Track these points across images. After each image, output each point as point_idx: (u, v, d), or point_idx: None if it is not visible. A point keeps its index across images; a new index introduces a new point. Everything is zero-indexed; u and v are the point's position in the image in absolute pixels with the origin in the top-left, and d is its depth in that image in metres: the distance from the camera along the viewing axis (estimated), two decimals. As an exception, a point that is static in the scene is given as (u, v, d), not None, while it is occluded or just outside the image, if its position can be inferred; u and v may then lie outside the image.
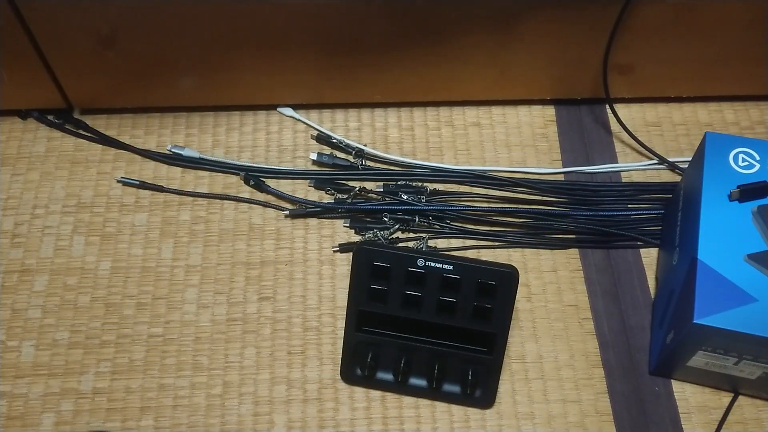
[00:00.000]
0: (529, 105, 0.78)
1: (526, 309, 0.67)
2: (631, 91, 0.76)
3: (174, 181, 0.73)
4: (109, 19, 0.65)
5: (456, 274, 0.57)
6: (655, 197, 0.72)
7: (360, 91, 0.75)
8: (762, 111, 0.78)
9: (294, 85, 0.74)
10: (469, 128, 0.77)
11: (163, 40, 0.68)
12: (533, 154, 0.75)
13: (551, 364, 0.64)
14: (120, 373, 0.63)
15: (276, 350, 0.64)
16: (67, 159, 0.74)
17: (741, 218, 0.58)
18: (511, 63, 0.72)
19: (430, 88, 0.75)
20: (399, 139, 0.76)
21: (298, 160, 0.75)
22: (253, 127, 0.76)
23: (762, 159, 0.61)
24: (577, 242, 0.70)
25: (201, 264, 0.69)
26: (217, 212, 0.71)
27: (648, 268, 0.69)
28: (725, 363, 0.58)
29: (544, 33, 0.69)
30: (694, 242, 0.58)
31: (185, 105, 0.76)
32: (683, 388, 0.63)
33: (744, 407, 0.62)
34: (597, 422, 0.62)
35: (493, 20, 0.67)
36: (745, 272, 0.56)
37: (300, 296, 0.67)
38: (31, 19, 0.64)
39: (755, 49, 0.71)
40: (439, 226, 0.70)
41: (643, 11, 0.66)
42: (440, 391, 0.61)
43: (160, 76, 0.72)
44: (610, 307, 0.67)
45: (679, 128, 0.77)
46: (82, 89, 0.73)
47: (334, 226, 0.71)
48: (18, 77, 0.70)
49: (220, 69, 0.71)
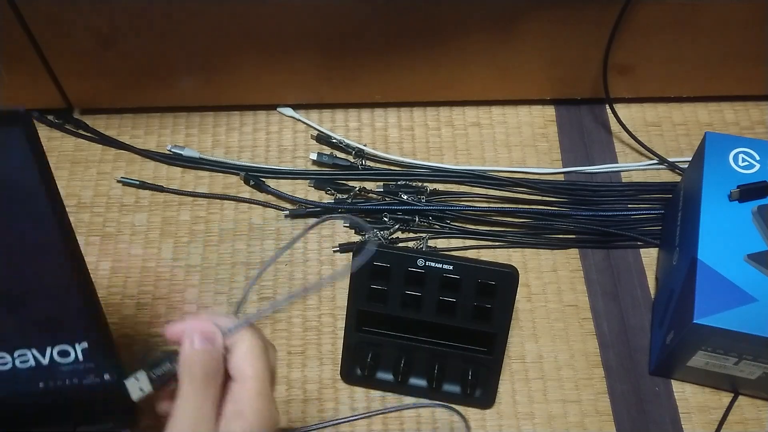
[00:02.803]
0: (529, 105, 0.78)
1: (526, 309, 0.67)
2: (631, 91, 0.77)
3: (174, 181, 0.73)
4: (109, 19, 0.65)
5: (456, 274, 0.57)
6: (655, 197, 0.72)
7: (360, 91, 0.75)
8: (762, 111, 0.78)
9: (294, 85, 0.74)
10: (469, 128, 0.77)
11: (163, 40, 0.68)
12: (533, 154, 0.75)
13: (551, 364, 0.64)
14: (120, 373, 0.63)
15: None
16: (67, 159, 0.74)
17: (741, 218, 0.58)
18: (511, 63, 0.72)
19: (430, 88, 0.75)
20: (399, 139, 0.76)
21: (298, 160, 0.75)
22: (253, 127, 0.76)
23: (762, 159, 0.61)
24: (577, 242, 0.70)
25: (201, 264, 0.69)
26: (217, 212, 0.71)
27: (648, 268, 0.69)
28: (725, 363, 0.58)
29: (544, 33, 0.69)
30: (694, 242, 0.58)
31: (185, 105, 0.76)
32: (683, 388, 0.63)
33: (744, 407, 0.62)
34: (597, 422, 0.62)
35: (493, 20, 0.67)
36: (745, 272, 0.56)
37: (300, 296, 0.67)
38: (31, 19, 0.64)
39: (755, 49, 0.71)
40: (439, 226, 0.70)
41: (643, 11, 0.66)
42: (440, 391, 0.61)
43: (160, 76, 0.72)
44: (610, 307, 0.67)
45: (679, 128, 0.77)
46: (82, 89, 0.73)
47: (334, 226, 0.71)
48: (18, 77, 0.70)
49: (220, 69, 0.71)
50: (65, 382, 0.43)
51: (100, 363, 0.44)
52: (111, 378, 0.44)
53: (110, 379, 0.44)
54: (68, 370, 0.43)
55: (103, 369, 0.44)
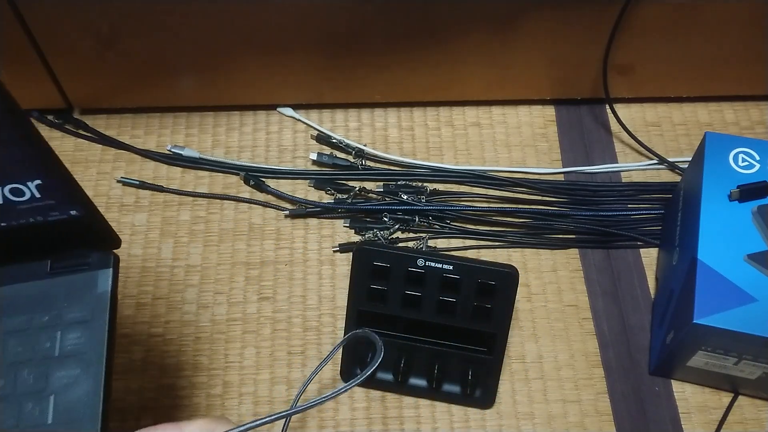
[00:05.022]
0: (529, 105, 0.78)
1: (526, 309, 0.67)
2: (631, 91, 0.77)
3: (174, 181, 0.73)
4: (109, 19, 0.65)
5: (456, 274, 0.57)
6: (655, 197, 0.72)
7: (360, 91, 0.75)
8: (762, 111, 0.78)
9: (294, 85, 0.74)
10: (469, 128, 0.77)
11: (163, 40, 0.68)
12: (533, 154, 0.75)
13: (551, 364, 0.64)
14: (120, 373, 0.63)
15: (276, 350, 0.64)
16: (67, 159, 0.74)
17: (741, 218, 0.58)
18: (511, 63, 0.72)
19: (430, 88, 0.75)
20: (399, 139, 0.76)
21: (298, 160, 0.75)
22: (253, 127, 0.76)
23: (762, 159, 0.61)
24: (577, 242, 0.70)
25: (201, 264, 0.69)
26: (217, 212, 0.71)
27: (648, 268, 0.69)
28: (725, 363, 0.58)
29: (544, 33, 0.69)
30: (694, 242, 0.58)
31: (185, 105, 0.76)
32: (683, 388, 0.63)
33: (744, 407, 0.62)
34: (597, 422, 0.62)
35: (493, 20, 0.67)
36: (745, 272, 0.56)
37: (300, 296, 0.67)
38: (31, 19, 0.64)
39: (755, 49, 0.71)
40: (439, 226, 0.70)
41: (643, 11, 0.66)
42: (440, 391, 0.61)
43: (160, 76, 0.72)
44: (610, 307, 0.67)
45: (679, 128, 0.77)
46: (82, 89, 0.73)
47: (334, 226, 0.71)
48: (18, 77, 0.70)
49: (220, 69, 0.71)
50: (28, 219, 0.43)
51: (61, 199, 0.42)
52: (78, 213, 0.43)
53: (78, 214, 0.43)
54: (27, 208, 0.42)
55: (67, 205, 0.43)
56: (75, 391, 0.40)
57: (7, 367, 0.41)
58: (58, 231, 0.44)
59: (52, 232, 0.43)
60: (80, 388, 0.40)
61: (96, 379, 0.41)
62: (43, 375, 0.41)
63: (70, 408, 0.39)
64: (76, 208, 0.43)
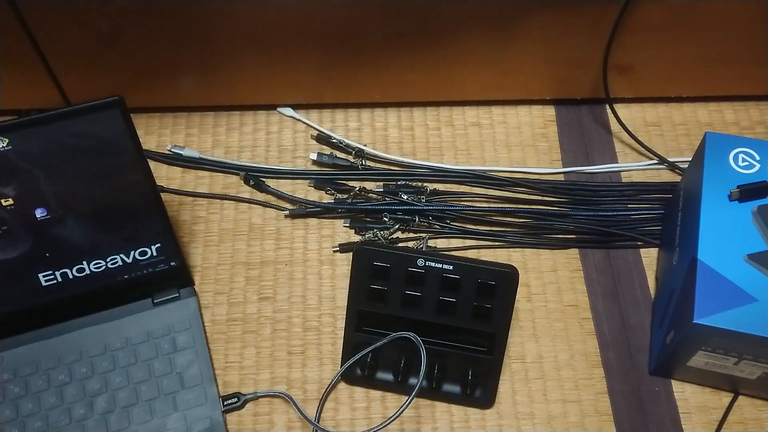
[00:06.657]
0: (529, 105, 0.78)
1: (526, 309, 0.67)
2: (631, 91, 0.77)
3: (174, 181, 0.73)
4: (109, 18, 0.65)
5: (456, 274, 0.57)
6: (655, 197, 0.72)
7: (360, 91, 0.75)
8: (762, 111, 0.78)
9: (294, 85, 0.74)
10: (469, 128, 0.77)
11: (163, 40, 0.68)
12: (533, 154, 0.75)
13: (551, 364, 0.64)
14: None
15: (276, 350, 0.64)
16: (67, 159, 0.74)
17: (741, 218, 0.58)
18: (511, 63, 0.72)
19: (430, 88, 0.75)
20: (399, 139, 0.76)
21: (298, 160, 0.75)
22: (253, 127, 0.76)
23: (762, 159, 0.61)
24: (577, 242, 0.70)
25: (201, 264, 0.69)
26: (217, 212, 0.71)
27: (648, 268, 0.69)
28: (725, 363, 0.58)
29: (544, 33, 0.69)
30: (694, 242, 0.58)
31: (185, 105, 0.76)
32: (683, 388, 0.63)
33: (744, 407, 0.62)
34: (597, 422, 0.62)
35: (493, 20, 0.67)
36: (745, 272, 0.56)
37: (300, 296, 0.67)
38: (31, 19, 0.64)
39: (755, 49, 0.71)
40: (439, 226, 0.70)
41: (643, 11, 0.67)
42: (440, 390, 0.61)
43: (160, 76, 0.72)
44: (610, 307, 0.67)
45: (679, 128, 0.77)
46: (82, 89, 0.73)
47: (334, 226, 0.71)
48: (18, 77, 0.70)
49: (220, 69, 0.71)
50: (144, 271, 0.62)
51: (168, 254, 0.62)
52: (176, 263, 0.63)
53: (176, 264, 0.63)
54: (146, 263, 0.62)
55: (171, 258, 0.62)
56: (193, 369, 0.62)
57: (145, 361, 0.62)
58: (158, 276, 0.63)
59: (155, 277, 0.63)
60: (195, 367, 0.62)
61: (206, 361, 0.62)
62: (169, 362, 0.62)
63: (192, 377, 0.61)
64: (176, 260, 0.63)
